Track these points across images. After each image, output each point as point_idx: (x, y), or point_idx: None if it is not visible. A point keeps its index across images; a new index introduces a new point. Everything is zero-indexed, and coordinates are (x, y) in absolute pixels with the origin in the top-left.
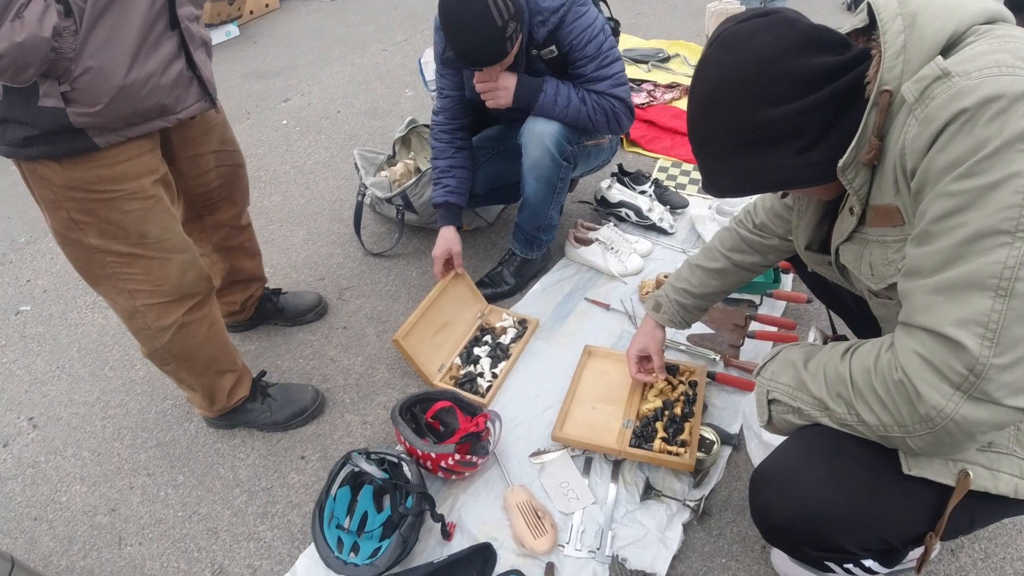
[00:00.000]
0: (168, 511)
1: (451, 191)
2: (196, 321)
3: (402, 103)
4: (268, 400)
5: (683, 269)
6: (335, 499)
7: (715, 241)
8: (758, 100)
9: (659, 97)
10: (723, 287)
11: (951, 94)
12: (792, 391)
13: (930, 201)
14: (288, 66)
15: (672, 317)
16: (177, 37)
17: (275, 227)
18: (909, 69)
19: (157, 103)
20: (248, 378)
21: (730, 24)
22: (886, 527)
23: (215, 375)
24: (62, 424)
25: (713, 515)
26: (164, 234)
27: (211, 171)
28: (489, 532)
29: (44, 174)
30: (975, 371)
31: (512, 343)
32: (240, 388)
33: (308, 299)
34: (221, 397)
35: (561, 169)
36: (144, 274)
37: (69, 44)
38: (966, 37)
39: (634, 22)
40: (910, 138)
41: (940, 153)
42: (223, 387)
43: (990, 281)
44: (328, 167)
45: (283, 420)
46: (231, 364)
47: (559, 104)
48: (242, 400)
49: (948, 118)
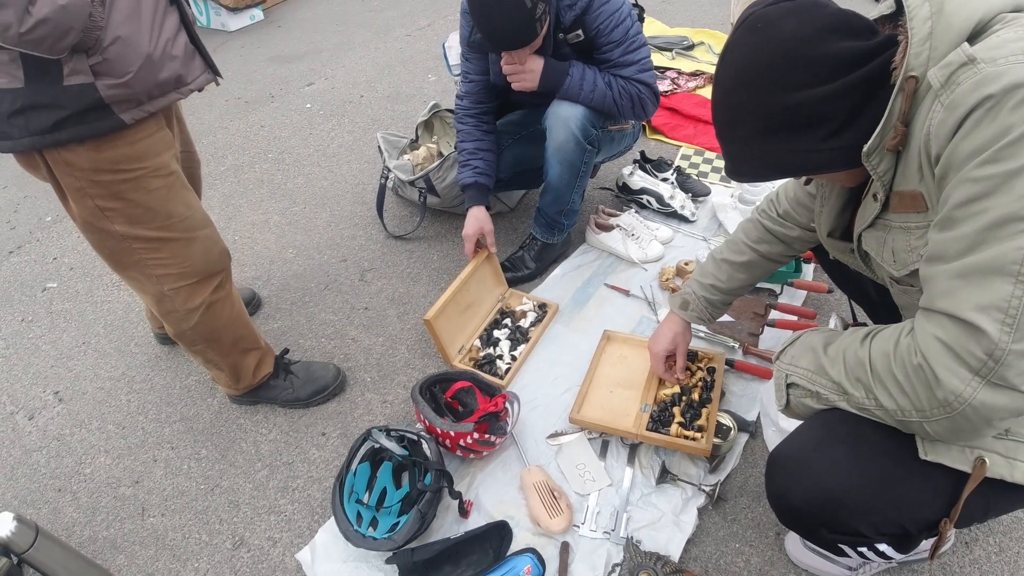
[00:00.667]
0: (191, 484)
1: (480, 172)
2: (222, 300)
3: (425, 88)
4: (291, 377)
5: (708, 264)
6: (355, 474)
7: (739, 233)
8: (787, 83)
9: (683, 85)
10: (751, 279)
11: (976, 80)
12: (811, 375)
13: (954, 187)
14: (312, 50)
15: (701, 314)
16: (177, 12)
17: (298, 208)
18: (935, 55)
19: (174, 73)
20: (271, 356)
21: (758, 7)
22: (901, 512)
23: (240, 354)
24: (87, 398)
25: (728, 500)
26: (188, 211)
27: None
28: (506, 511)
29: (70, 159)
30: (994, 356)
31: (532, 327)
32: (264, 366)
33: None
34: (247, 375)
35: (585, 153)
36: (171, 257)
37: (100, 13)
38: (993, 24)
39: (659, 9)
40: (935, 124)
41: (965, 139)
42: (248, 365)
43: (1012, 267)
44: (351, 151)
45: (305, 397)
46: (255, 342)
47: (585, 88)
48: (266, 377)
49: (973, 104)
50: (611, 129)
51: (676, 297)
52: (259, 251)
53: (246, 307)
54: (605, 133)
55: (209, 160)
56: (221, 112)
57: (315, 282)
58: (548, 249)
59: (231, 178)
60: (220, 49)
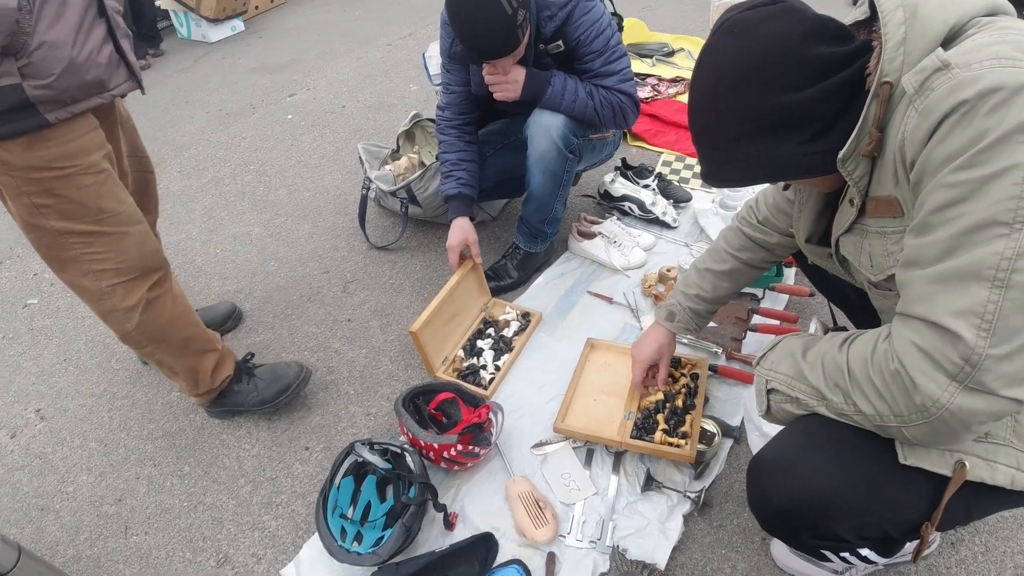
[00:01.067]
0: (174, 501)
1: (463, 183)
2: (160, 297)
3: (407, 97)
4: (254, 380)
5: (692, 275)
6: (339, 489)
7: (720, 242)
8: (766, 87)
9: (663, 91)
10: (735, 287)
11: (951, 85)
12: (790, 380)
13: (929, 192)
14: (294, 61)
15: (687, 324)
16: (105, 24)
17: (280, 220)
18: (910, 61)
19: (97, 78)
20: (231, 359)
21: (735, 12)
22: (883, 516)
23: (194, 355)
24: (69, 415)
25: (714, 507)
26: (119, 206)
27: (127, 176)
28: (491, 522)
29: (5, 158)
30: (971, 361)
31: (515, 336)
32: (223, 368)
33: (222, 309)
34: (205, 378)
35: (567, 162)
36: (106, 251)
37: (27, 19)
38: (967, 29)
39: (639, 16)
40: (910, 129)
41: (939, 144)
42: (205, 367)
43: (987, 272)
44: (333, 161)
45: (271, 397)
46: (208, 344)
47: (566, 98)
48: (227, 380)
49: (948, 109)
50: (592, 138)
51: (661, 308)
52: (241, 264)
53: (227, 321)
54: (586, 142)
55: (190, 173)
56: (202, 124)
57: (297, 294)
58: (531, 258)
59: (212, 190)
60: (202, 60)
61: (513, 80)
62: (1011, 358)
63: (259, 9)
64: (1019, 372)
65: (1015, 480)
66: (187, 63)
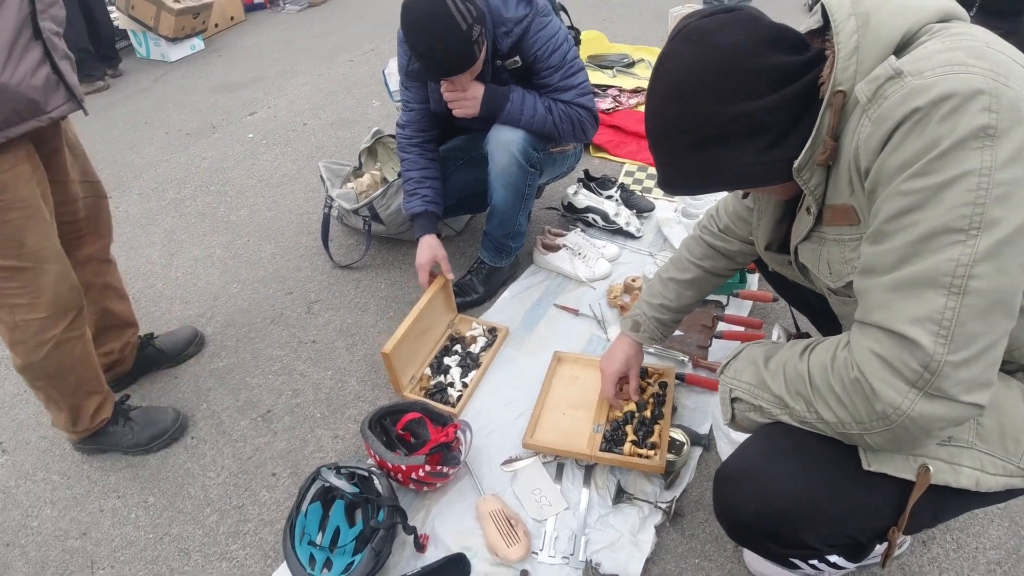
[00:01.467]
0: (139, 533)
1: (429, 200)
2: (73, 340)
3: (369, 113)
4: (130, 423)
5: (656, 285)
6: (306, 515)
7: (683, 251)
8: (724, 94)
9: (624, 102)
10: (698, 295)
11: (904, 94)
12: (753, 389)
13: (884, 200)
14: (255, 79)
15: (652, 334)
16: (41, 46)
17: (242, 242)
18: (863, 69)
19: (31, 101)
20: (111, 401)
21: (693, 19)
22: (850, 523)
23: (83, 396)
24: (31, 448)
25: (685, 516)
26: (42, 243)
27: (79, 200)
28: (463, 542)
29: None
30: (930, 368)
31: (482, 352)
32: (103, 411)
33: (184, 334)
34: (85, 419)
35: (528, 176)
36: (22, 287)
37: None
38: (919, 36)
39: (599, 28)
40: (863, 138)
41: (893, 153)
42: (88, 408)
43: (944, 279)
44: (295, 180)
45: (145, 442)
46: (98, 386)
47: (525, 113)
48: (104, 422)
49: (901, 117)
50: (553, 151)
51: (627, 319)
52: (202, 287)
53: (189, 346)
54: (547, 155)
55: (150, 195)
56: (162, 145)
57: (261, 316)
58: (496, 272)
59: (172, 212)
60: (161, 80)
61: (472, 96)
62: (969, 364)
63: (219, 27)
64: (978, 377)
65: (980, 482)
66: (146, 83)
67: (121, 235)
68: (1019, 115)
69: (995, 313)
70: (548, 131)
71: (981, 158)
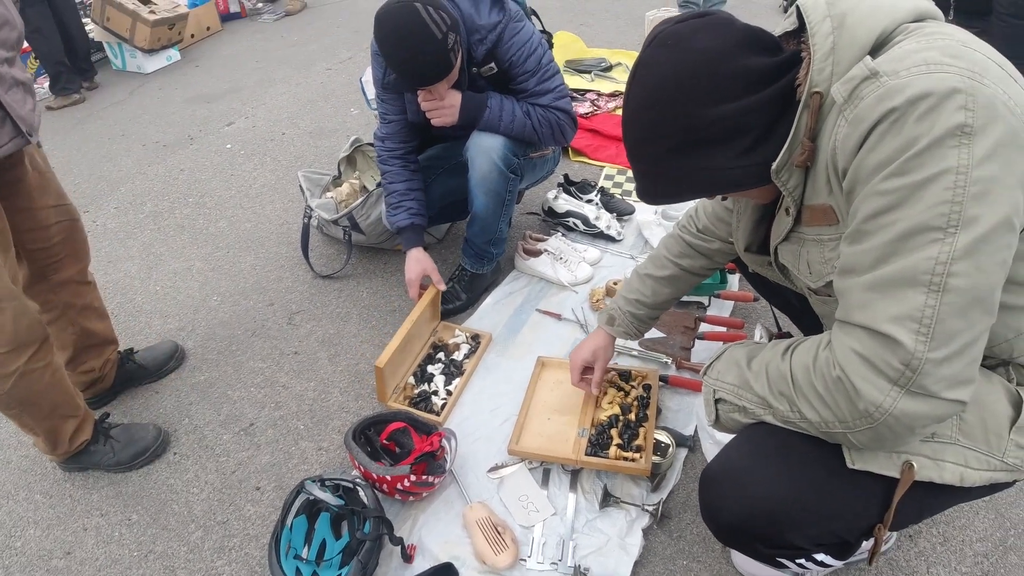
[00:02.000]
0: (123, 551)
1: (414, 213)
2: (38, 370)
3: (348, 122)
4: (111, 441)
5: (633, 280)
6: (291, 529)
7: (661, 249)
8: (702, 98)
9: (603, 106)
10: (675, 293)
11: (880, 94)
12: (737, 390)
13: (862, 200)
14: (232, 89)
15: (627, 329)
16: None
17: (221, 254)
18: (839, 71)
19: None
20: (90, 422)
21: (667, 25)
22: (835, 521)
23: (59, 420)
24: (12, 467)
25: (672, 518)
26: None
27: (52, 226)
28: (450, 551)
29: None
30: (911, 366)
31: (465, 359)
32: (82, 432)
33: (165, 348)
34: (64, 442)
35: (509, 182)
36: None
37: None
38: (895, 36)
39: (577, 32)
40: (840, 138)
41: (870, 152)
42: (66, 431)
43: (923, 277)
44: (275, 190)
45: (127, 460)
46: (74, 410)
47: (504, 119)
48: (84, 443)
49: (877, 118)
50: (532, 156)
51: (603, 313)
52: (182, 300)
53: (169, 360)
54: (527, 160)
55: (127, 208)
56: (138, 157)
57: (242, 329)
58: (478, 279)
59: (151, 225)
60: (137, 92)
61: (449, 105)
62: (951, 361)
63: (195, 38)
64: (959, 374)
65: (964, 477)
66: (122, 95)
67: (99, 249)
68: (995, 112)
69: (974, 310)
70: (528, 136)
71: (958, 156)
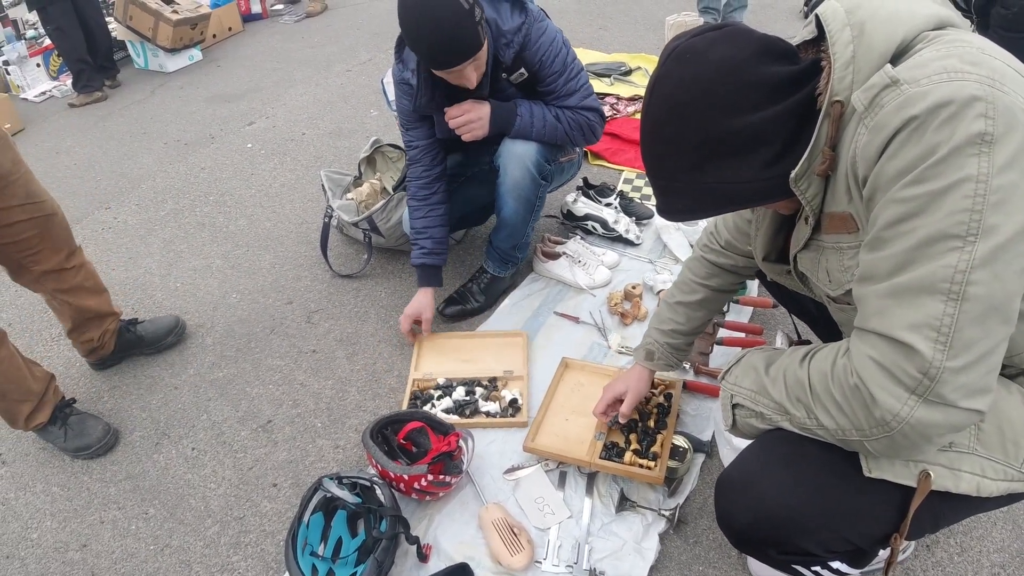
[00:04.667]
0: (139, 545)
1: (427, 252)
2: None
3: (367, 123)
4: (66, 428)
5: (664, 311)
6: (308, 526)
7: (687, 273)
8: (722, 109)
9: (622, 110)
10: (708, 315)
11: (900, 101)
12: (754, 395)
13: (882, 207)
14: (252, 89)
15: (668, 361)
16: None
17: (241, 252)
18: (859, 79)
19: None
20: (50, 405)
21: (683, 39)
22: (850, 529)
23: (12, 403)
24: (30, 459)
25: (689, 523)
26: None
27: (20, 223)
28: (465, 551)
29: None
30: (928, 374)
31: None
32: (39, 415)
33: (165, 322)
34: (19, 421)
35: (540, 187)
36: None
37: None
38: (915, 44)
39: (596, 36)
40: (861, 146)
41: (891, 160)
42: (21, 412)
43: (942, 285)
44: (294, 189)
45: (71, 450)
46: (25, 395)
47: (535, 126)
48: (40, 425)
49: (898, 125)
50: (561, 160)
51: (639, 350)
52: (202, 297)
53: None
54: (557, 166)
55: (148, 205)
56: (160, 155)
57: (261, 326)
58: (498, 282)
59: (171, 223)
60: (159, 91)
61: (478, 118)
62: (968, 370)
63: (216, 38)
64: (976, 383)
65: (980, 487)
66: (144, 94)
67: (119, 245)
68: (1015, 120)
69: (993, 319)
70: (560, 139)
71: (978, 164)
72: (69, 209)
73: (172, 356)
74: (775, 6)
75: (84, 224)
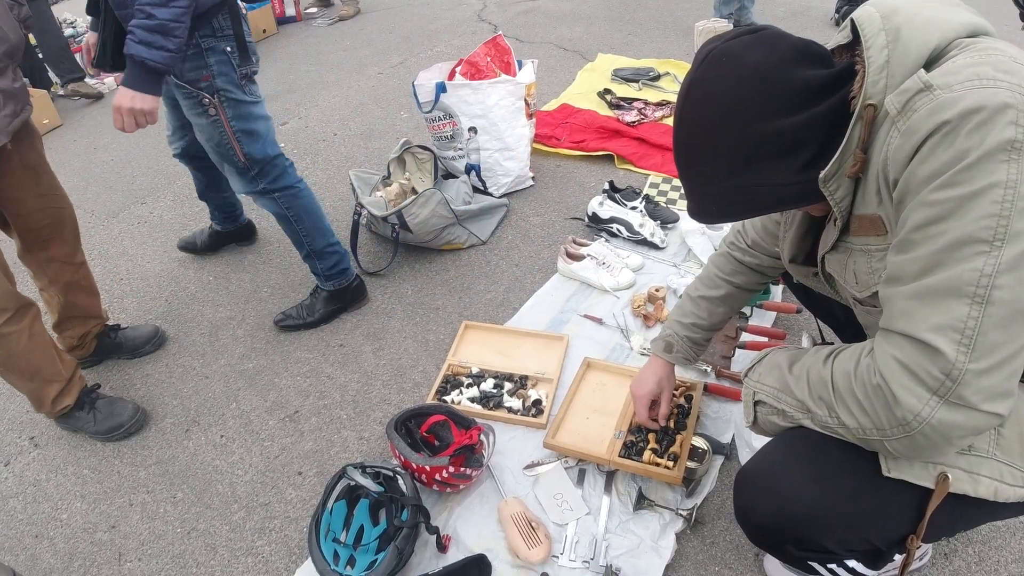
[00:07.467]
0: (167, 527)
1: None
2: (14, 333)
3: (397, 125)
4: (94, 411)
5: (686, 304)
6: (331, 513)
7: (712, 268)
8: (758, 112)
9: (650, 115)
10: (730, 312)
11: (933, 106)
12: (777, 393)
13: (911, 210)
14: (285, 90)
15: (686, 354)
16: None
17: (272, 247)
18: (893, 83)
19: None
20: (76, 389)
21: (717, 43)
22: (867, 528)
23: (41, 383)
24: (62, 443)
25: (706, 524)
26: None
27: (36, 212)
28: (484, 544)
29: None
30: (951, 376)
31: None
32: (65, 397)
33: (145, 331)
34: (46, 404)
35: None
36: None
37: None
38: (949, 50)
39: (626, 42)
40: (892, 149)
41: (922, 164)
42: (48, 394)
43: (967, 288)
44: (324, 188)
45: (103, 432)
46: (56, 375)
47: None
48: (66, 408)
49: (930, 129)
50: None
51: (658, 340)
52: (233, 291)
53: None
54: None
55: (183, 201)
56: None
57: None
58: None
59: (205, 218)
60: None
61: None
62: (991, 373)
63: (252, 40)
64: (999, 387)
65: (998, 492)
66: None
67: (154, 239)
68: None
69: (1017, 324)
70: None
71: (1007, 170)
72: (106, 203)
73: (204, 347)
74: (806, 13)
75: (120, 218)
